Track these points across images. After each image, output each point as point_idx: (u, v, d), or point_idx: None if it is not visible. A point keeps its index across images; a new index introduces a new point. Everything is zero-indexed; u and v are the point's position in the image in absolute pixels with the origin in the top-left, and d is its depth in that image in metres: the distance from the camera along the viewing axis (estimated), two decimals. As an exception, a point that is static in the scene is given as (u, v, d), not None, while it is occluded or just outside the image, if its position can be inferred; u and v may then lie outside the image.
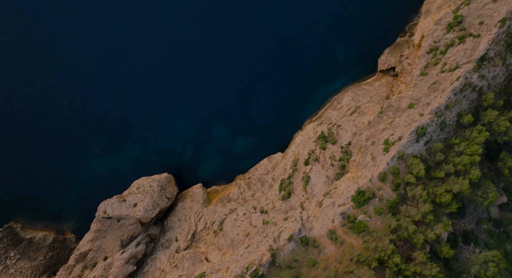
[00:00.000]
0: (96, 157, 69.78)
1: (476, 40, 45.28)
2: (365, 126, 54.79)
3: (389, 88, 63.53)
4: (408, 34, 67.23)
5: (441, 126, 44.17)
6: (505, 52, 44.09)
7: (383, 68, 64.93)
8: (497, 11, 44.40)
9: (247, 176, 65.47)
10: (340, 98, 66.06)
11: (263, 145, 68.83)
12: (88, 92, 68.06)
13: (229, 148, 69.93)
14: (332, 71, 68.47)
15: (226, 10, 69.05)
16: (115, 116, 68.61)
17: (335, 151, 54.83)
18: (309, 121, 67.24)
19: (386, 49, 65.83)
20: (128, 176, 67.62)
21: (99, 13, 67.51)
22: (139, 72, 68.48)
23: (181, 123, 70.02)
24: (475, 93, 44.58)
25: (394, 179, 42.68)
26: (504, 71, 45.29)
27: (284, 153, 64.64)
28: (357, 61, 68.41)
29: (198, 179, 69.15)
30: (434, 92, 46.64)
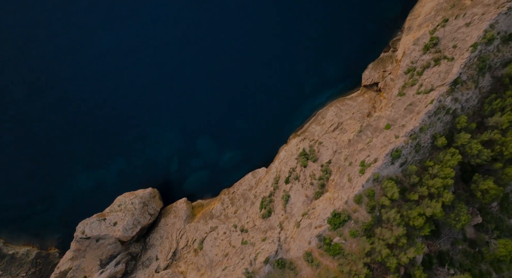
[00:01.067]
0: (81, 171, 69.51)
1: (450, 63, 46.05)
2: (345, 144, 55.26)
3: (371, 104, 64.18)
4: (391, 49, 68.13)
5: (416, 148, 44.77)
6: (477, 76, 44.88)
7: (366, 83, 65.67)
8: (469, 35, 45.23)
9: (232, 190, 65.61)
10: (324, 113, 66.63)
11: (249, 159, 69.14)
12: (73, 104, 68.04)
13: (215, 161, 70.12)
14: (317, 85, 69.17)
15: (213, 24, 69.65)
16: (100, 129, 68.54)
17: (315, 169, 55.20)
18: (294, 135, 67.67)
19: (370, 64, 66.66)
20: (113, 189, 67.42)
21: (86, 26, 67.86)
22: (125, 84, 68.62)
23: (167, 136, 70.15)
24: (449, 115, 45.23)
25: (369, 202, 43.05)
26: (477, 93, 46.07)
27: (268, 168, 64.93)
28: (342, 75, 69.19)
29: (184, 193, 69.24)
30: (410, 113, 47.27)
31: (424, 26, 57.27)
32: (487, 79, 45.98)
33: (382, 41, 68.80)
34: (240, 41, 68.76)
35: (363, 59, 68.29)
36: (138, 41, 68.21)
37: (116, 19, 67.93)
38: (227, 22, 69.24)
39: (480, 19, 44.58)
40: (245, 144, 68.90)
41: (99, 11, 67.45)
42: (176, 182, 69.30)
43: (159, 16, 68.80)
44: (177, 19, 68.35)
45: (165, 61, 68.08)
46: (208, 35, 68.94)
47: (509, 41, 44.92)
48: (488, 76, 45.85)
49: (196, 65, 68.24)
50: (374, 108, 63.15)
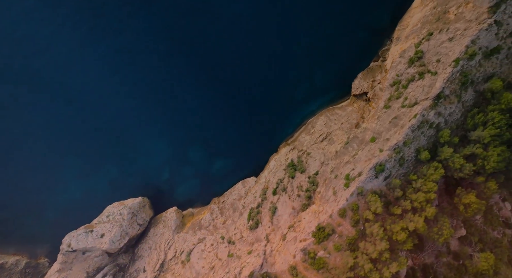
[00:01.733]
0: (72, 179, 69.59)
1: (434, 78, 46.56)
2: (332, 156, 55.59)
3: (360, 114, 64.53)
4: (381, 59, 68.53)
5: (400, 162, 45.14)
6: (460, 90, 45.40)
7: (356, 93, 66.00)
8: (452, 50, 45.78)
9: (222, 199, 65.73)
10: (314, 122, 66.93)
11: (240, 167, 69.26)
12: (64, 113, 68.11)
13: (206, 170, 70.22)
14: (308, 94, 69.40)
15: (205, 32, 69.91)
16: (91, 137, 68.57)
17: (302, 180, 55.47)
18: (284, 144, 67.89)
19: (360, 74, 66.96)
20: (103, 199, 67.46)
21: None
22: (116, 94, 68.78)
23: (158, 145, 70.25)
24: (433, 129, 45.68)
25: (353, 215, 43.33)
26: (460, 107, 46.56)
27: (258, 178, 65.12)
28: (333, 84, 69.45)
29: (175, 202, 69.33)
30: (394, 127, 47.69)
31: (411, 38, 57.83)
32: (470, 93, 46.54)
33: (372, 50, 69.14)
34: (231, 49, 69.04)
35: (353, 68, 68.63)
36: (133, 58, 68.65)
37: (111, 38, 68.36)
38: (219, 30, 69.49)
39: (462, 34, 45.19)
40: (236, 153, 69.09)
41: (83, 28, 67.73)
42: (167, 191, 69.39)
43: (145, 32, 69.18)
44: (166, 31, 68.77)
45: (157, 72, 68.37)
46: (199, 44, 69.18)
47: (490, 56, 45.51)
48: (471, 90, 46.40)
49: (187, 74, 68.45)
50: (363, 118, 63.52)
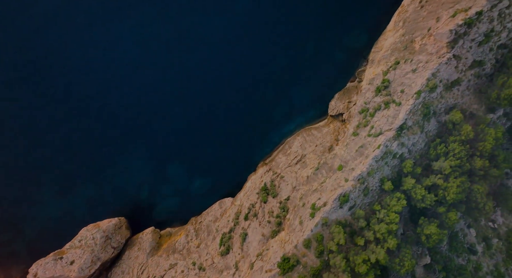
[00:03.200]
0: (49, 199, 69.05)
1: (398, 108, 47.57)
2: (304, 181, 56.14)
3: (335, 135, 65.37)
4: (357, 80, 69.76)
5: (364, 192, 45.82)
6: (422, 121, 46.43)
7: (332, 113, 66.99)
8: (414, 81, 46.92)
9: (199, 220, 65.77)
10: (291, 142, 67.55)
11: (219, 186, 69.51)
12: (41, 131, 67.82)
13: (185, 188, 70.26)
14: (286, 113, 70.19)
15: (184, 51, 70.47)
16: (68, 155, 68.37)
17: (274, 205, 55.89)
18: (262, 163, 68.34)
19: (337, 94, 68.02)
20: (81, 217, 67.10)
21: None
22: (94, 110, 68.73)
23: (137, 163, 70.10)
24: (397, 159, 46.58)
25: (318, 246, 43.74)
26: (424, 137, 47.59)
27: (234, 199, 65.31)
28: (311, 103, 70.45)
29: (153, 221, 69.12)
30: (360, 156, 48.47)
31: (382, 64, 58.98)
32: (433, 124, 47.61)
33: (349, 70, 70.43)
34: (211, 67, 69.68)
35: (331, 88, 69.72)
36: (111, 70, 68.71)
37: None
38: (198, 49, 70.21)
39: (424, 67, 46.35)
40: (215, 171, 69.36)
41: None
42: (145, 210, 69.19)
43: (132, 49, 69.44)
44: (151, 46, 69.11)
45: (136, 88, 68.55)
46: (178, 62, 69.76)
47: (452, 88, 46.75)
48: (433, 121, 47.48)
49: (166, 92, 68.82)
50: (337, 140, 64.36)
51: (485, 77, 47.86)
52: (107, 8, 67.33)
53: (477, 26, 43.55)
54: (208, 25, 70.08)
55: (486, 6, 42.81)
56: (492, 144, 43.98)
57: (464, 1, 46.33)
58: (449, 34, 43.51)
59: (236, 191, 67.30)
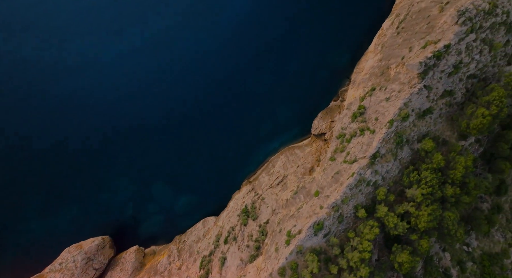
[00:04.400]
0: (32, 218, 68.70)
1: (372, 136, 48.57)
2: (283, 204, 56.75)
3: (316, 156, 66.20)
4: (340, 99, 70.87)
5: (338, 219, 46.52)
6: (395, 149, 47.46)
7: (315, 133, 67.88)
8: (388, 110, 48.00)
9: (183, 239, 65.93)
10: (275, 161, 68.22)
11: (204, 204, 69.83)
12: (24, 150, 67.64)
13: (170, 206, 70.45)
14: (271, 131, 70.96)
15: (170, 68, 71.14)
16: (53, 175, 68.30)
17: (253, 229, 56.33)
18: (246, 181, 68.87)
19: (320, 113, 69.02)
20: (65, 236, 66.82)
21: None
22: (79, 128, 68.94)
23: (122, 181, 70.21)
24: (371, 187, 47.44)
25: (292, 274, 44.20)
26: (397, 164, 48.57)
27: (217, 219, 65.68)
28: (295, 121, 71.31)
29: (138, 239, 69.06)
30: (335, 183, 49.27)
31: (360, 87, 60.13)
32: (406, 151, 48.65)
33: (332, 89, 71.61)
34: (197, 85, 70.40)
35: (315, 106, 70.78)
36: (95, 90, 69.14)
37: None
38: (185, 67, 70.94)
39: (397, 96, 47.50)
40: (200, 189, 69.73)
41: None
42: (130, 228, 69.17)
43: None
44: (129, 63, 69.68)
45: (119, 106, 69.01)
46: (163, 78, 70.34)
47: (424, 116, 47.91)
48: (407, 148, 48.53)
49: (151, 110, 69.27)
50: (318, 161, 65.22)
51: (456, 105, 49.15)
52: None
53: (446, 58, 44.87)
54: (194, 43, 71.10)
55: (454, 39, 44.19)
56: (462, 172, 44.99)
57: (435, 32, 47.77)
58: (419, 66, 44.74)
59: (221, 208, 67.72)
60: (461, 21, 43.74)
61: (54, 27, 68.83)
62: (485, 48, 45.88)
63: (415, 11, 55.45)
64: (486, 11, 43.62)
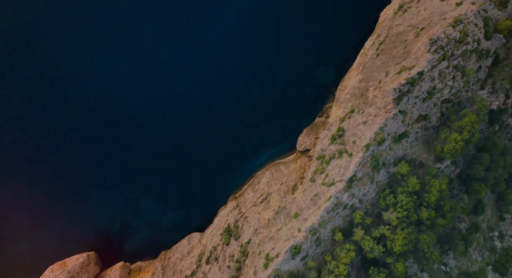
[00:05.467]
0: (18, 233, 68.50)
1: (349, 159, 49.38)
2: (265, 224, 57.23)
3: (300, 173, 66.81)
4: (325, 115, 71.75)
5: (316, 243, 47.10)
6: (372, 173, 48.25)
7: (300, 149, 68.54)
8: (364, 134, 48.89)
9: (168, 255, 66.01)
10: (260, 177, 68.71)
11: (191, 218, 70.04)
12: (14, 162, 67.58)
13: (157, 220, 70.54)
14: (258, 146, 71.49)
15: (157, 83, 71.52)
16: (38, 187, 68.25)
17: (235, 249, 56.70)
18: (232, 197, 69.28)
19: (305, 129, 69.72)
20: (51, 252, 66.64)
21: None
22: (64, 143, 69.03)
23: (109, 196, 70.20)
24: (348, 210, 48.15)
25: (270, 298, 44.71)
26: (374, 187, 49.36)
27: (202, 236, 65.87)
28: (282, 136, 71.90)
29: (124, 254, 68.95)
30: (314, 205, 49.92)
31: (342, 107, 60.97)
32: (383, 174, 49.46)
33: (318, 105, 72.47)
34: (184, 98, 70.83)
35: (301, 122, 71.54)
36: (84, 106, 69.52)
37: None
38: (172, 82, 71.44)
39: (373, 120, 48.41)
40: (187, 203, 70.01)
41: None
42: (117, 243, 69.13)
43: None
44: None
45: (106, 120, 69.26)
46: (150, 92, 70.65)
47: (400, 140, 48.84)
48: (383, 171, 49.35)
49: (137, 123, 69.51)
50: (302, 179, 65.87)
51: (432, 129, 50.20)
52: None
53: (419, 84, 45.94)
54: (180, 59, 71.74)
55: (427, 67, 45.28)
56: (436, 196, 45.88)
57: (410, 58, 48.86)
58: (393, 92, 45.74)
59: (207, 223, 68.02)
60: (433, 49, 44.93)
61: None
62: (457, 74, 47.09)
63: (394, 34, 56.66)
64: (457, 39, 44.89)
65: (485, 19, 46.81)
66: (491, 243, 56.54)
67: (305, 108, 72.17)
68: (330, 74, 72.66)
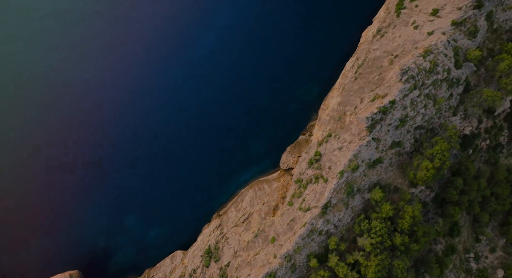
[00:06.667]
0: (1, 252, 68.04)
1: (324, 185, 50.03)
2: (244, 246, 57.52)
3: (282, 192, 67.28)
4: (308, 133, 72.42)
5: (291, 269, 47.52)
6: (347, 198, 48.92)
7: (283, 167, 69.06)
8: (339, 160, 49.61)
9: (152, 273, 65.93)
10: (244, 195, 69.08)
11: (175, 236, 70.08)
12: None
13: (142, 238, 70.51)
14: (243, 162, 71.95)
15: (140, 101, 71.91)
16: (23, 207, 67.96)
17: (214, 271, 56.91)
18: (216, 214, 69.50)
19: (288, 147, 70.26)
20: (34, 271, 66.27)
21: None
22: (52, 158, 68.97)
23: (93, 214, 70.15)
24: (323, 235, 48.69)
25: (244, 326, 44.90)
26: (350, 213, 49.99)
27: (184, 255, 65.94)
28: (266, 153, 72.40)
29: (108, 272, 68.74)
30: (290, 230, 50.41)
31: (321, 129, 61.88)
32: (358, 200, 50.14)
33: (302, 123, 73.18)
34: (170, 115, 71.22)
35: (286, 139, 72.11)
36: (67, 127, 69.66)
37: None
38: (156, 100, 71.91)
39: (347, 147, 49.18)
40: (172, 220, 70.09)
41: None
42: (101, 261, 68.94)
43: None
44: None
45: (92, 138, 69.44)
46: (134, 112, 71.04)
47: (374, 166, 49.60)
48: (358, 197, 50.03)
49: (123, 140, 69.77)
50: (283, 198, 66.37)
51: (406, 154, 51.11)
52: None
53: (392, 113, 46.85)
54: (166, 76, 72.33)
55: (398, 96, 46.28)
56: (409, 222, 46.58)
57: (383, 86, 49.87)
58: (366, 120, 46.60)
59: (192, 240, 68.18)
60: (404, 78, 45.98)
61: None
62: (429, 102, 48.16)
63: (371, 59, 57.74)
64: (427, 69, 45.97)
65: (455, 49, 48.07)
66: (467, 265, 57.31)
67: (289, 125, 72.87)
68: (314, 91, 73.63)
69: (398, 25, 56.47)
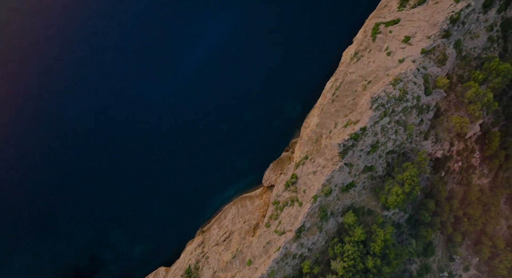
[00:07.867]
0: None
1: (299, 209, 51.02)
2: (223, 267, 58.21)
3: (264, 210, 68.00)
4: (290, 150, 73.41)
5: (265, 293, 48.36)
6: (321, 222, 49.95)
7: (266, 185, 69.86)
8: (313, 185, 50.67)
9: None
10: (227, 211, 69.71)
11: (159, 251, 70.47)
12: None
13: (126, 254, 70.77)
14: (227, 178, 72.60)
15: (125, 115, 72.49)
16: (6, 222, 67.90)
17: (193, 293, 57.49)
18: (200, 230, 70.01)
19: (271, 164, 71.03)
20: None
21: None
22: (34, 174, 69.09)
23: (78, 229, 70.34)
24: (297, 259, 49.58)
25: None
26: (324, 236, 50.99)
27: (167, 272, 66.35)
28: (250, 169, 73.18)
29: None
30: (265, 254, 51.24)
31: (300, 149, 62.89)
32: (331, 223, 51.20)
33: (285, 139, 74.15)
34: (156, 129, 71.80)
35: (269, 155, 72.97)
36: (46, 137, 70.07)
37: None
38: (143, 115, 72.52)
39: (321, 172, 50.29)
40: (156, 236, 70.47)
41: None
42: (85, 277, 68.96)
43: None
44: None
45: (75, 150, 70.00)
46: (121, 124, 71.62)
47: (348, 190, 50.70)
48: (332, 220, 51.08)
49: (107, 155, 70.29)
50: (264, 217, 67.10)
51: (379, 178, 52.28)
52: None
53: (363, 139, 48.05)
54: (152, 90, 73.05)
55: (369, 123, 47.53)
56: (381, 246, 47.72)
57: (356, 111, 51.13)
58: (338, 146, 47.78)
59: (176, 256, 68.63)
60: (374, 106, 47.27)
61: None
62: (400, 128, 49.52)
63: (348, 82, 59.02)
64: (397, 97, 47.38)
65: (425, 76, 49.58)
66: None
67: (273, 141, 73.81)
68: (298, 108, 74.68)
69: (373, 50, 57.95)
